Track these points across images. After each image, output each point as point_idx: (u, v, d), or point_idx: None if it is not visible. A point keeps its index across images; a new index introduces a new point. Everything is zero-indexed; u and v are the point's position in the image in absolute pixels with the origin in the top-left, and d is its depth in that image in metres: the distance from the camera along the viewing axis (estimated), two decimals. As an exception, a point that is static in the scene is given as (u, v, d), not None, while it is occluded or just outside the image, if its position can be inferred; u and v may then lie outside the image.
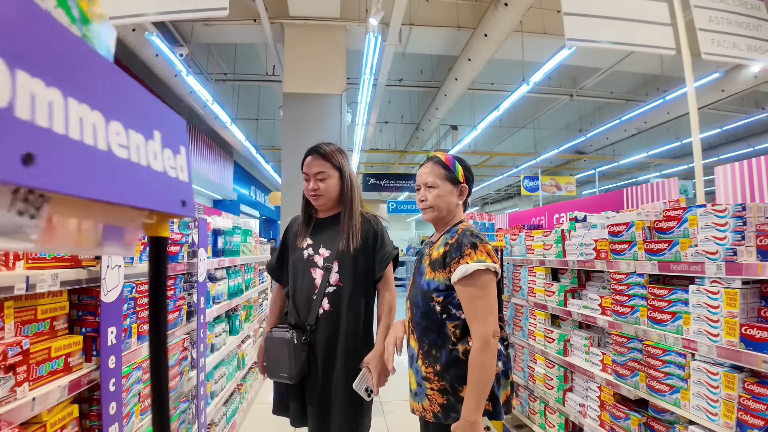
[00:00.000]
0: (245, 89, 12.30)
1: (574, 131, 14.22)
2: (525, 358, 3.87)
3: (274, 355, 2.06)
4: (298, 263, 2.16)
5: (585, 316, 2.99)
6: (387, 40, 7.68)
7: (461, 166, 1.90)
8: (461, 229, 1.79)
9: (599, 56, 9.12)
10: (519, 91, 8.35)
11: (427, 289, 1.79)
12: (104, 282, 1.59)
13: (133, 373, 1.84)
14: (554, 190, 14.87)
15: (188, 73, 7.65)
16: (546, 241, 3.58)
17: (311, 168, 2.16)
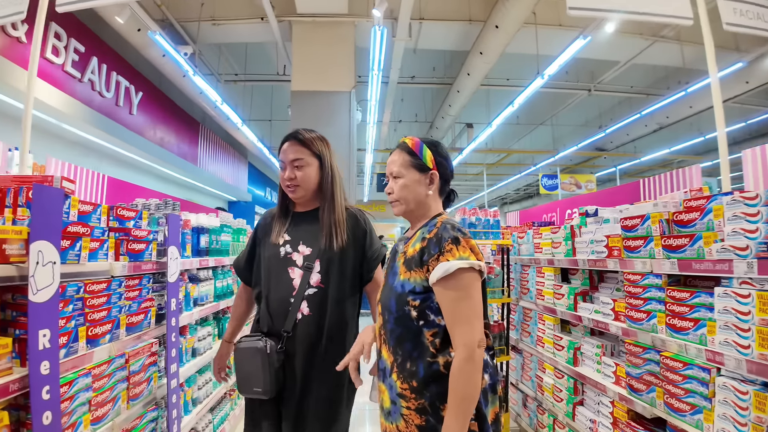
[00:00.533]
0: (258, 90, 12.26)
1: (594, 127, 13.79)
2: (533, 366, 3.64)
3: (245, 368, 1.84)
4: (273, 262, 1.95)
5: (596, 322, 2.72)
6: (396, 36, 7.52)
7: (431, 150, 1.66)
8: (440, 222, 1.56)
9: (617, 48, 8.78)
10: (534, 85, 8.08)
11: (401, 291, 1.55)
12: (33, 280, 1.45)
13: (79, 380, 1.69)
14: (574, 188, 14.48)
15: (195, 73, 7.58)
16: (554, 238, 3.35)
17: (287, 154, 1.97)
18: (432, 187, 1.65)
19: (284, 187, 1.99)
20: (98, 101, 6.63)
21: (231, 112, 9.53)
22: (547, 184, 14.89)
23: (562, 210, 5.01)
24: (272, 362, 1.80)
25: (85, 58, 6.25)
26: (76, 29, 6.03)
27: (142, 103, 7.98)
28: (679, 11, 3.03)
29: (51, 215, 1.55)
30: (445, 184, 1.70)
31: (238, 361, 1.87)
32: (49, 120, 5.95)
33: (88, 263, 1.84)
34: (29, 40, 4.95)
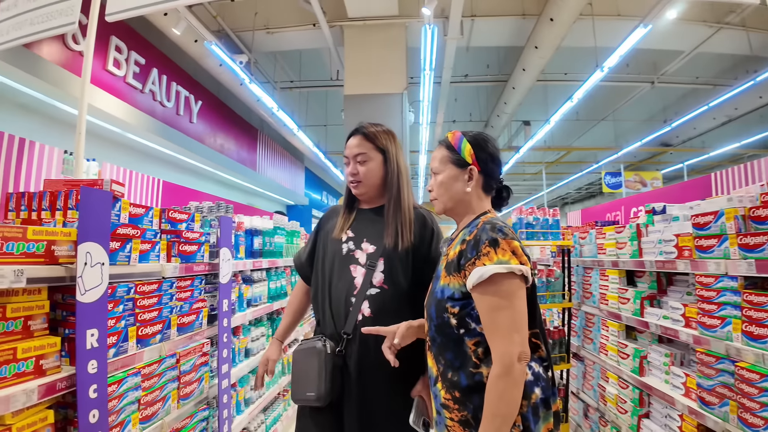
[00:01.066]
0: (313, 96, 12.48)
1: (658, 122, 13.08)
2: (596, 375, 3.44)
3: (301, 369, 1.72)
4: (336, 258, 1.85)
5: (665, 329, 2.53)
6: (448, 34, 7.44)
7: (471, 144, 1.53)
8: (482, 222, 1.43)
9: (680, 37, 8.30)
10: (593, 79, 7.75)
11: (440, 297, 1.45)
12: (81, 281, 1.48)
13: (128, 379, 1.72)
14: (639, 186, 13.79)
15: (251, 81, 7.78)
16: (619, 238, 3.16)
17: (351, 149, 1.90)
18: (471, 184, 1.52)
19: (348, 182, 1.94)
20: (160, 111, 6.91)
21: (287, 118, 9.73)
22: (610, 182, 14.27)
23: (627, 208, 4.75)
24: (328, 365, 1.67)
25: (146, 69, 6.54)
26: (136, 42, 6.32)
27: (202, 112, 8.27)
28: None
29: (99, 217, 1.58)
30: (489, 180, 1.56)
31: (295, 362, 1.77)
32: (113, 129, 6.26)
33: (139, 264, 1.88)
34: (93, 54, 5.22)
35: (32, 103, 5.13)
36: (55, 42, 4.81)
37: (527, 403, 1.31)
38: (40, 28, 2.33)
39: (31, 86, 4.75)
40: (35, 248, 1.41)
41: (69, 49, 5.03)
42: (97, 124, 5.93)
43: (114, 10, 2.25)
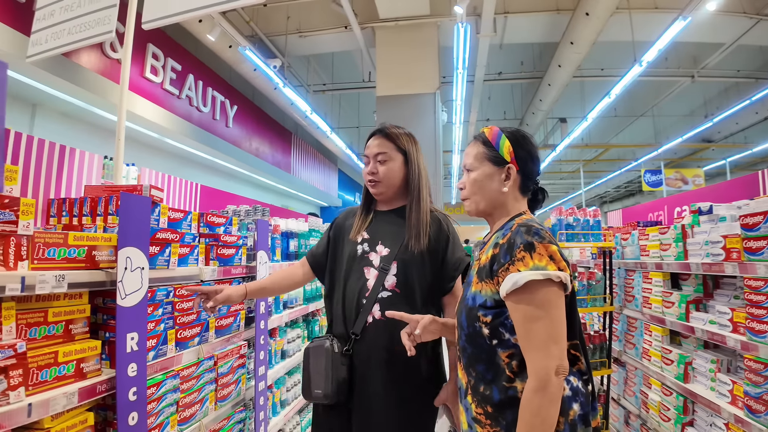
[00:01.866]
0: (346, 98, 12.56)
1: (699, 117, 12.61)
2: (638, 381, 3.33)
3: (310, 368, 1.74)
4: (351, 259, 1.83)
5: (711, 334, 2.42)
6: (480, 32, 7.36)
7: (510, 140, 1.42)
8: (517, 224, 1.33)
9: (720, 29, 7.98)
10: (631, 74, 7.51)
11: (471, 304, 1.35)
12: (121, 285, 1.50)
13: (167, 381, 1.74)
14: (680, 184, 13.31)
15: (285, 84, 7.86)
16: (663, 239, 3.04)
17: (371, 148, 1.88)
18: (508, 183, 1.41)
19: (366, 182, 1.91)
20: (196, 116, 7.06)
21: (320, 121, 9.81)
22: (651, 180, 13.82)
23: (670, 208, 4.57)
24: (336, 364, 1.69)
25: (182, 75, 6.69)
26: (172, 49, 6.48)
27: (237, 116, 8.41)
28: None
29: (138, 222, 1.61)
30: (527, 181, 1.45)
31: (305, 360, 1.77)
32: (151, 134, 6.42)
33: (178, 268, 1.90)
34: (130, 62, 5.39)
35: (73, 110, 5.32)
36: (93, 50, 4.97)
37: (564, 420, 1.21)
38: (77, 37, 2.40)
39: (71, 94, 4.92)
40: (76, 253, 1.43)
41: (107, 57, 5.19)
42: (136, 130, 6.10)
43: (150, 18, 2.29)
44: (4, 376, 1.17)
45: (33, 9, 3.97)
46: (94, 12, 2.35)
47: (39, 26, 2.60)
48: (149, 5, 2.31)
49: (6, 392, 1.17)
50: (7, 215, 1.26)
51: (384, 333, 1.72)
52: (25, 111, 5.04)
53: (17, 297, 1.27)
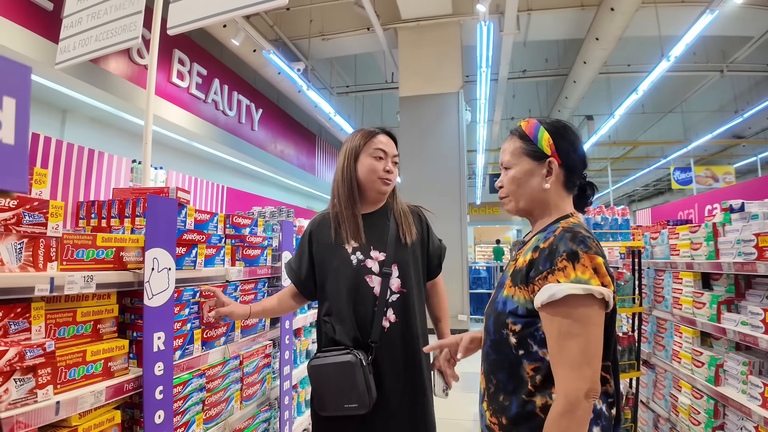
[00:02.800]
0: (369, 99, 12.60)
1: (730, 112, 12.27)
2: (668, 384, 3.24)
3: (333, 385, 1.68)
4: (346, 271, 1.77)
5: (743, 335, 2.34)
6: (504, 30, 7.31)
7: (549, 132, 1.30)
8: (561, 227, 1.21)
9: (749, 22, 7.75)
10: (659, 69, 7.37)
11: (501, 309, 1.25)
12: (148, 285, 1.53)
13: (193, 380, 1.76)
14: (710, 181, 12.95)
15: (309, 87, 7.93)
16: (694, 238, 2.95)
17: (390, 148, 1.86)
18: (550, 179, 1.29)
19: (379, 179, 1.82)
20: (223, 120, 7.17)
21: (344, 122, 9.87)
22: (680, 177, 13.48)
23: (701, 206, 4.45)
24: (367, 375, 1.66)
25: (208, 80, 6.80)
26: (198, 54, 6.59)
27: (263, 119, 8.51)
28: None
29: (165, 224, 1.63)
30: (571, 175, 1.32)
31: (320, 379, 1.71)
32: (179, 138, 6.55)
33: (204, 269, 1.92)
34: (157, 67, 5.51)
35: (102, 115, 5.46)
36: (121, 57, 5.09)
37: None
38: (105, 43, 2.45)
39: (100, 99, 5.05)
40: (104, 255, 1.46)
41: (134, 63, 5.31)
42: (163, 134, 6.23)
43: (175, 24, 2.33)
44: (33, 374, 1.19)
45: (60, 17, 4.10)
46: (121, 19, 2.40)
47: (67, 33, 2.67)
48: (174, 11, 2.35)
49: (34, 390, 1.19)
50: (37, 217, 1.29)
51: (400, 333, 1.76)
52: (56, 117, 5.19)
53: (46, 297, 1.30)
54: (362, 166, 1.84)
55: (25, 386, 1.17)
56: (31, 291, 1.22)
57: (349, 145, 1.89)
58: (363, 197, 1.88)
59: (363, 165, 1.84)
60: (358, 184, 1.86)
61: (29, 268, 1.26)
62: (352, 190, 1.84)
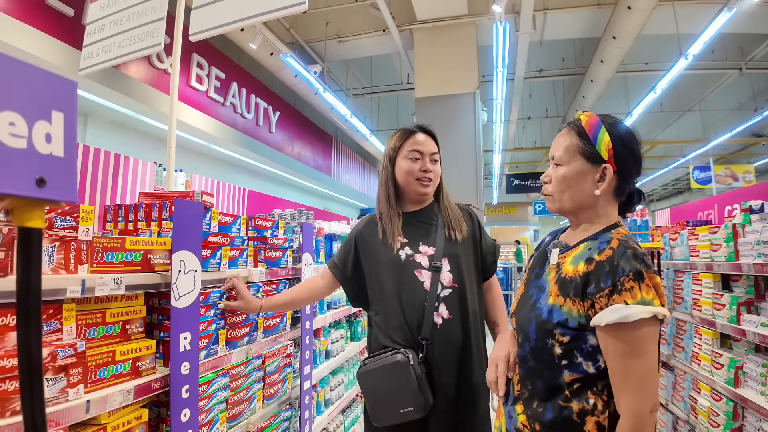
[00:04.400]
0: (384, 100, 12.62)
1: (749, 110, 12.05)
2: (687, 386, 3.22)
3: (384, 390, 1.62)
4: (393, 269, 1.76)
5: (763, 337, 2.33)
6: (520, 30, 7.28)
7: (610, 134, 1.23)
8: (617, 240, 1.18)
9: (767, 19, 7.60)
10: (677, 68, 7.27)
11: (547, 318, 1.22)
12: (175, 287, 1.57)
13: (217, 380, 1.81)
14: (730, 181, 12.74)
15: (325, 89, 7.99)
16: (713, 239, 2.94)
17: (428, 146, 1.83)
18: (602, 186, 1.24)
19: (418, 178, 1.81)
20: (241, 122, 7.25)
21: (360, 124, 9.91)
22: (699, 177, 13.29)
23: (720, 206, 4.39)
24: (419, 374, 1.59)
25: (226, 83, 6.89)
26: (216, 58, 6.67)
27: (280, 122, 8.58)
28: None
29: (192, 227, 1.68)
30: (623, 184, 1.27)
31: (370, 386, 1.67)
32: (198, 141, 6.64)
33: (228, 270, 1.97)
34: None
35: (123, 120, 5.57)
36: (140, 61, 5.18)
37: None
38: (127, 50, 2.51)
39: (121, 104, 5.15)
40: (133, 257, 1.51)
41: (154, 68, 5.40)
42: (183, 137, 6.32)
43: (197, 30, 2.37)
44: (64, 374, 1.24)
45: (81, 23, 4.18)
46: (143, 25, 2.46)
47: (90, 40, 2.74)
48: (196, 17, 2.40)
49: (65, 389, 1.24)
50: (68, 221, 1.34)
51: (453, 331, 1.69)
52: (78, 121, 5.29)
53: (77, 299, 1.34)
54: (399, 168, 1.85)
55: (56, 385, 1.22)
56: (63, 293, 1.26)
57: (387, 147, 1.92)
58: (406, 198, 1.89)
59: (400, 168, 1.84)
60: (397, 186, 1.87)
61: (61, 270, 1.31)
62: (390, 193, 1.86)
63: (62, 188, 0.58)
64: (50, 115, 0.58)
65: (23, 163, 0.54)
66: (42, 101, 0.57)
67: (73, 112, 0.61)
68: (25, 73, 0.55)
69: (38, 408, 0.55)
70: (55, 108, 0.58)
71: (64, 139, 0.59)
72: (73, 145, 0.60)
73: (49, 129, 0.57)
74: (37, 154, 0.56)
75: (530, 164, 18.04)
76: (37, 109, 0.56)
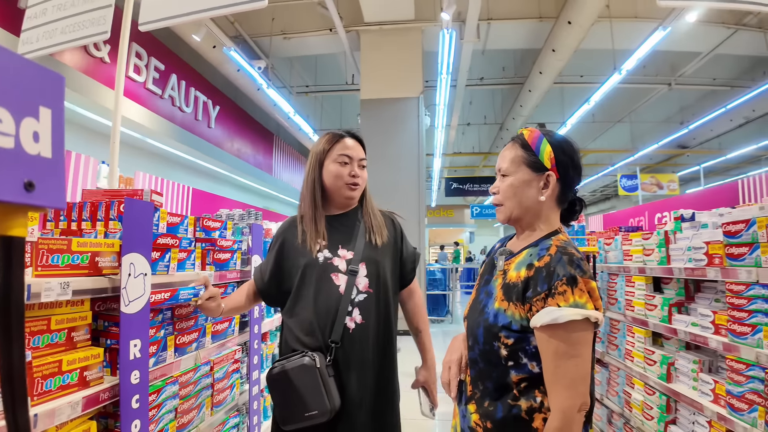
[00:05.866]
0: (328, 100, 12.55)
1: (675, 123, 13.02)
2: (621, 381, 3.40)
3: (291, 393, 1.60)
4: (311, 270, 1.72)
5: (694, 336, 2.48)
6: (464, 38, 7.44)
7: (551, 145, 1.31)
8: (555, 246, 1.25)
9: (698, 39, 8.23)
10: (611, 81, 7.71)
11: (493, 321, 1.27)
12: (125, 291, 1.49)
13: (167, 388, 1.73)
14: (655, 189, 13.66)
15: (269, 86, 7.83)
16: (646, 245, 3.11)
17: (357, 152, 1.81)
18: (546, 192, 1.32)
19: (345, 184, 1.79)
20: (179, 116, 6.98)
21: (303, 122, 9.79)
22: (627, 184, 14.14)
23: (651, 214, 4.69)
24: (325, 378, 1.58)
25: (165, 75, 6.62)
26: (156, 48, 6.40)
27: (220, 117, 8.34)
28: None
29: (142, 228, 1.59)
30: (566, 190, 1.36)
31: (277, 389, 1.64)
32: (134, 135, 6.33)
33: (177, 273, 1.89)
34: (112, 60, 5.29)
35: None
36: (76, 49, 4.88)
37: None
38: (71, 37, 2.35)
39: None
40: (80, 260, 1.42)
41: (90, 56, 5.11)
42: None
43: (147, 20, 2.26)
44: (10, 386, 1.15)
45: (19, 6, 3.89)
46: (89, 12, 2.31)
47: (30, 25, 2.55)
48: (147, 6, 2.28)
49: (12, 402, 1.15)
50: (13, 221, 1.24)
51: (365, 336, 1.68)
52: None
53: (23, 304, 1.25)
54: (327, 171, 1.80)
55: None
56: (8, 299, 1.17)
57: (315, 150, 1.86)
58: (331, 201, 1.86)
59: (328, 171, 1.80)
60: (324, 188, 1.83)
61: (3, 274, 1.21)
62: (317, 195, 1.82)
63: (51, 193, 0.54)
64: (38, 112, 0.53)
65: (11, 165, 0.49)
66: (29, 96, 0.52)
67: (60, 109, 0.56)
68: (10, 62, 0.51)
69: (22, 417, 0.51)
70: (42, 104, 0.54)
71: (51, 138, 0.54)
72: (62, 146, 0.56)
73: (37, 127, 0.52)
74: (25, 154, 0.51)
75: (468, 169, 18.50)
76: (24, 105, 0.51)
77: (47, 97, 0.54)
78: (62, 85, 0.57)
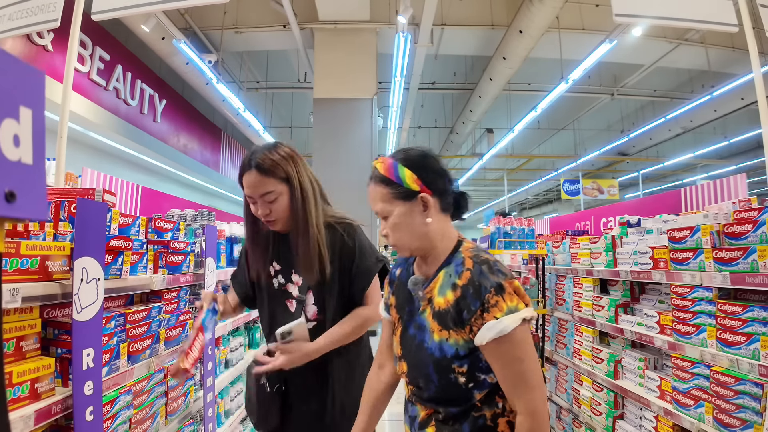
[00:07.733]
0: (279, 97, 12.35)
1: (616, 132, 13.69)
2: (569, 378, 3.53)
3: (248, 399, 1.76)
4: (270, 294, 1.76)
5: (639, 335, 2.62)
6: (418, 42, 7.50)
7: (408, 167, 1.28)
8: (468, 258, 1.25)
9: (641, 52, 8.67)
10: (557, 90, 8.00)
11: (440, 355, 1.24)
12: (77, 298, 1.40)
13: (120, 398, 1.65)
14: (596, 193, 14.31)
15: (218, 80, 7.63)
16: (594, 248, 3.24)
17: (255, 189, 1.65)
18: (429, 213, 1.28)
19: (263, 221, 1.72)
20: (124, 109, 6.69)
21: (253, 119, 9.59)
22: (569, 189, 14.74)
23: (597, 218, 4.89)
24: (265, 393, 1.66)
25: (110, 66, 6.33)
26: (101, 37, 6.10)
27: (166, 111, 8.06)
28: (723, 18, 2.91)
29: (95, 230, 1.51)
30: (445, 197, 1.33)
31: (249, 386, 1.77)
32: (76, 128, 6.01)
33: (129, 277, 1.80)
34: (56, 48, 5.00)
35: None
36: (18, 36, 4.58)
37: None
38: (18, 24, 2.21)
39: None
40: (29, 264, 1.33)
41: (33, 43, 4.81)
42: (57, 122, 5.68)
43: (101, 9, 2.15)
44: (-45, 401, 1.06)
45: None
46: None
47: (-30, 11, 2.37)
48: (100, -4, 2.18)
49: (-44, 419, 1.06)
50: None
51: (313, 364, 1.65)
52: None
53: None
54: None
55: (-57, 416, 1.04)
56: (-51, 307, 1.08)
57: None
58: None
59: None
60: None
61: (-54, 280, 1.12)
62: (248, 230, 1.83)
63: (32, 203, 0.50)
64: (18, 112, 0.48)
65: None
66: (9, 94, 0.47)
67: (41, 110, 0.52)
68: None
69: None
70: (23, 103, 0.49)
71: (32, 142, 0.50)
72: (42, 150, 0.52)
73: (18, 129, 0.48)
74: (5, 161, 0.46)
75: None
76: (3, 105, 0.47)
77: (27, 96, 0.50)
78: (43, 81, 0.53)
